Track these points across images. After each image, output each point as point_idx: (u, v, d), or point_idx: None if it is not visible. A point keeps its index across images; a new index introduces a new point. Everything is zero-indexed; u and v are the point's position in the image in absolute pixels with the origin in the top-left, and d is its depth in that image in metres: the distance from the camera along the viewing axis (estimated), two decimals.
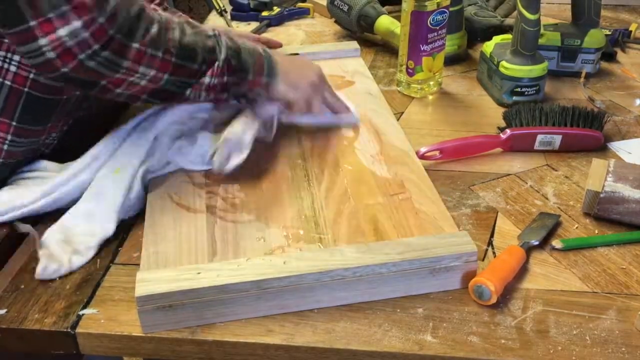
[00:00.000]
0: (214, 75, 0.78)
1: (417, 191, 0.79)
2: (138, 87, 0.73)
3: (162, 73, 0.73)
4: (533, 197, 0.83)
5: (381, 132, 0.92)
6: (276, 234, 0.73)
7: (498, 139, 0.92)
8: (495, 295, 0.65)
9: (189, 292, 0.63)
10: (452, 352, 0.62)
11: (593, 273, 0.71)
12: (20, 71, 0.76)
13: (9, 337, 0.65)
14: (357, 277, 0.65)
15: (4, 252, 0.75)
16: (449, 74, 1.17)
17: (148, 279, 0.64)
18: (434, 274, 0.67)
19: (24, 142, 0.80)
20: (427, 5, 1.00)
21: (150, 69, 0.72)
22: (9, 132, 0.78)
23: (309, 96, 0.89)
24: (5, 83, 0.76)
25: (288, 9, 1.45)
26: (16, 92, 0.77)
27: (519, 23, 1.01)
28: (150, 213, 0.77)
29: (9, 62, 0.76)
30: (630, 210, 0.75)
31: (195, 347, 0.64)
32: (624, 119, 1.01)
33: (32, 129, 0.80)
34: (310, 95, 0.89)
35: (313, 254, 0.67)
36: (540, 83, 1.03)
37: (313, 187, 0.81)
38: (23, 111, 0.78)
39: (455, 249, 0.67)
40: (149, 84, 0.73)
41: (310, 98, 0.89)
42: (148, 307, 0.63)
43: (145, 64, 0.71)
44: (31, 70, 0.77)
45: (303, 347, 0.63)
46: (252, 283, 0.64)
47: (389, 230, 0.73)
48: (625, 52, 1.26)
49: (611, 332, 0.63)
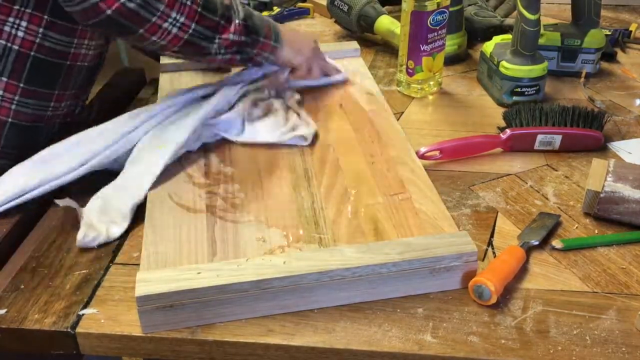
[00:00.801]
0: (235, 32, 0.86)
1: (417, 191, 0.79)
2: (170, 35, 0.81)
3: (190, 21, 0.82)
4: (533, 197, 0.83)
5: (381, 132, 0.92)
6: (276, 234, 0.73)
7: (498, 139, 0.92)
8: (495, 295, 0.65)
9: (189, 292, 0.63)
10: (452, 352, 0.62)
11: (593, 273, 0.71)
12: (27, 36, 0.83)
13: (9, 337, 0.65)
14: (357, 277, 0.65)
15: (4, 252, 0.75)
16: (449, 74, 1.17)
17: (148, 279, 0.64)
18: (434, 274, 0.67)
19: (30, 103, 0.87)
20: (427, 5, 1.00)
21: (181, 15, 0.81)
22: (16, 93, 0.85)
23: (310, 61, 1.01)
24: (14, 47, 0.83)
25: (288, 9, 1.45)
26: (24, 56, 0.84)
27: (519, 23, 1.01)
28: (150, 213, 0.77)
29: (16, 28, 0.82)
30: (630, 210, 0.75)
31: (195, 347, 0.64)
32: (624, 119, 1.01)
33: (38, 91, 0.87)
34: (311, 60, 1.01)
35: (313, 254, 0.67)
36: (540, 83, 1.03)
37: (313, 186, 0.81)
38: (30, 74, 0.85)
39: (455, 249, 0.67)
40: (179, 33, 0.82)
41: (311, 63, 1.01)
42: (148, 307, 0.63)
43: (177, 10, 0.80)
44: (38, 35, 0.83)
45: (303, 347, 0.63)
46: (252, 283, 0.64)
47: (389, 230, 0.73)
48: (625, 52, 1.26)
49: (611, 332, 0.63)
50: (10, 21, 0.82)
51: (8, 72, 0.84)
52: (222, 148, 0.90)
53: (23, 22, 0.82)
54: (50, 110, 0.90)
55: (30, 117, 0.88)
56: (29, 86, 0.86)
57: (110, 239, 0.75)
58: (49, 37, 0.85)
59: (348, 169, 0.84)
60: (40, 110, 0.89)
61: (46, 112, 0.89)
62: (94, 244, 0.74)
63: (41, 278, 0.71)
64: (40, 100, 0.88)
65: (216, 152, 0.89)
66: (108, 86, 1.16)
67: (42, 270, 0.72)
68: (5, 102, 0.85)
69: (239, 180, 0.83)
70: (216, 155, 0.88)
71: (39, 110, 0.88)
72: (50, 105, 0.89)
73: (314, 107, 1.00)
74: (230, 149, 0.90)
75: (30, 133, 0.89)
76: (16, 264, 0.73)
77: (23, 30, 0.83)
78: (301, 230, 0.74)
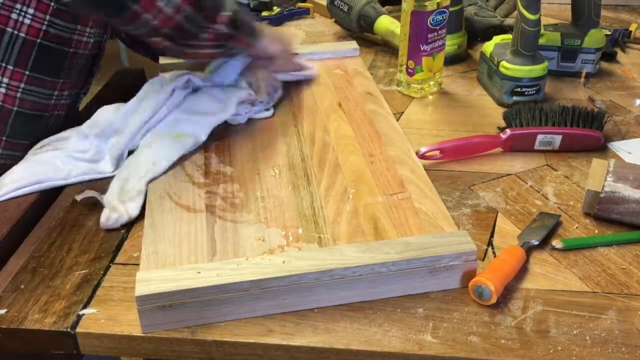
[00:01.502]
0: (225, 24, 0.85)
1: (416, 191, 0.79)
2: (164, 16, 0.80)
3: (185, 3, 0.80)
4: (533, 197, 0.83)
5: (381, 132, 0.92)
6: (275, 234, 0.73)
7: (498, 139, 0.92)
8: (495, 295, 0.65)
9: (189, 291, 0.63)
10: (452, 352, 0.62)
11: (593, 273, 0.71)
12: (34, 23, 0.84)
13: (9, 337, 0.65)
14: (357, 276, 0.65)
15: (4, 252, 0.75)
16: (449, 74, 1.17)
17: (148, 279, 0.64)
18: (434, 274, 0.67)
19: (34, 91, 0.88)
20: (427, 5, 1.00)
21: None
22: (22, 80, 0.86)
23: (286, 55, 1.02)
24: (20, 35, 0.84)
25: (288, 9, 1.45)
26: (30, 43, 0.85)
27: (519, 23, 1.00)
28: (150, 213, 0.77)
29: (23, 15, 0.83)
30: (630, 210, 0.75)
31: (195, 347, 0.64)
32: (624, 119, 1.01)
33: (42, 79, 0.88)
34: (287, 53, 1.02)
35: (313, 253, 0.67)
36: (540, 83, 1.03)
37: (313, 186, 0.81)
38: (35, 61, 0.86)
39: (455, 248, 0.67)
40: (174, 15, 0.80)
41: (287, 56, 1.02)
42: (148, 307, 0.63)
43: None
44: (44, 22, 0.85)
45: (303, 347, 0.63)
46: (251, 282, 0.64)
47: (388, 229, 0.73)
48: (625, 52, 1.26)
49: (611, 332, 0.63)
50: (18, 8, 0.83)
51: (14, 60, 0.85)
52: (221, 148, 0.90)
53: (30, 10, 0.83)
54: (53, 99, 0.91)
55: (34, 106, 0.89)
56: (34, 74, 0.87)
57: (131, 218, 0.78)
58: (55, 24, 0.86)
59: (347, 168, 0.84)
60: (44, 99, 0.89)
61: (50, 101, 0.90)
62: (117, 224, 0.77)
63: (41, 278, 0.71)
64: (44, 89, 0.89)
65: (215, 152, 0.89)
66: (108, 86, 1.16)
67: (42, 270, 0.72)
68: (10, 91, 0.86)
69: (239, 179, 0.83)
70: (215, 155, 0.88)
71: (42, 98, 0.89)
72: (53, 94, 0.90)
73: (313, 107, 1.00)
74: (230, 149, 0.90)
75: (35, 122, 0.90)
76: (16, 264, 0.73)
77: (30, 18, 0.83)
78: (301, 229, 0.74)
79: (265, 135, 0.93)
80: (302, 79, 1.08)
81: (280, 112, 0.99)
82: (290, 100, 1.02)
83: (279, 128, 0.95)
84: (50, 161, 0.85)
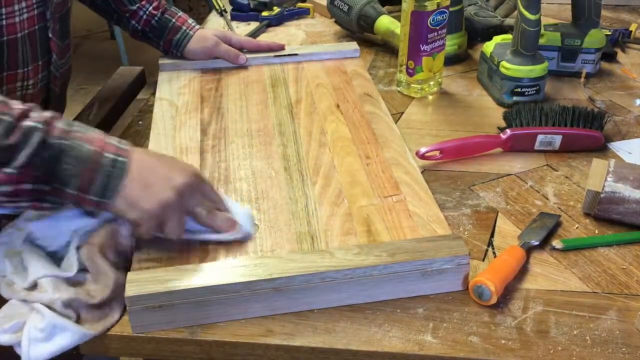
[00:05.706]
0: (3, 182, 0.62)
1: (411, 193, 0.79)
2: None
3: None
4: (533, 197, 0.83)
5: (377, 133, 0.92)
6: (268, 235, 0.73)
7: (498, 139, 0.92)
8: (495, 295, 0.65)
9: (179, 292, 0.63)
10: (452, 353, 0.61)
11: (593, 273, 0.71)
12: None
13: None
14: (349, 279, 0.65)
15: None
16: (449, 74, 1.17)
17: (139, 280, 0.64)
18: (426, 277, 0.67)
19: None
20: (427, 5, 1.00)
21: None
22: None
23: (162, 215, 0.67)
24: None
25: (288, 9, 1.45)
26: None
27: (519, 23, 1.00)
28: None
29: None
30: (630, 210, 0.75)
31: (195, 347, 0.64)
32: (624, 119, 1.01)
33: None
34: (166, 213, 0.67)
35: (304, 255, 0.67)
36: (540, 83, 1.03)
37: (307, 187, 0.81)
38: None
39: (447, 252, 0.67)
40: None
41: (164, 217, 0.67)
42: (138, 308, 0.63)
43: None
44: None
45: (303, 347, 0.63)
46: (242, 284, 0.64)
47: (381, 231, 0.73)
48: (625, 52, 1.26)
49: (611, 332, 0.63)
50: None
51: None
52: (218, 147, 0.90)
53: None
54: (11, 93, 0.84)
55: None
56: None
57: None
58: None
59: (343, 170, 0.84)
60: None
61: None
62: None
63: None
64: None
65: (211, 153, 0.88)
66: (108, 86, 1.16)
67: None
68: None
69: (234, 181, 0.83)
70: (211, 156, 0.88)
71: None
72: (2, 89, 0.84)
73: (311, 108, 0.99)
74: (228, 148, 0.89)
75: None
76: None
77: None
78: (294, 230, 0.74)
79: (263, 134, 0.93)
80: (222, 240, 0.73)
81: (279, 112, 0.99)
82: (289, 100, 1.02)
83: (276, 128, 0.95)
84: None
